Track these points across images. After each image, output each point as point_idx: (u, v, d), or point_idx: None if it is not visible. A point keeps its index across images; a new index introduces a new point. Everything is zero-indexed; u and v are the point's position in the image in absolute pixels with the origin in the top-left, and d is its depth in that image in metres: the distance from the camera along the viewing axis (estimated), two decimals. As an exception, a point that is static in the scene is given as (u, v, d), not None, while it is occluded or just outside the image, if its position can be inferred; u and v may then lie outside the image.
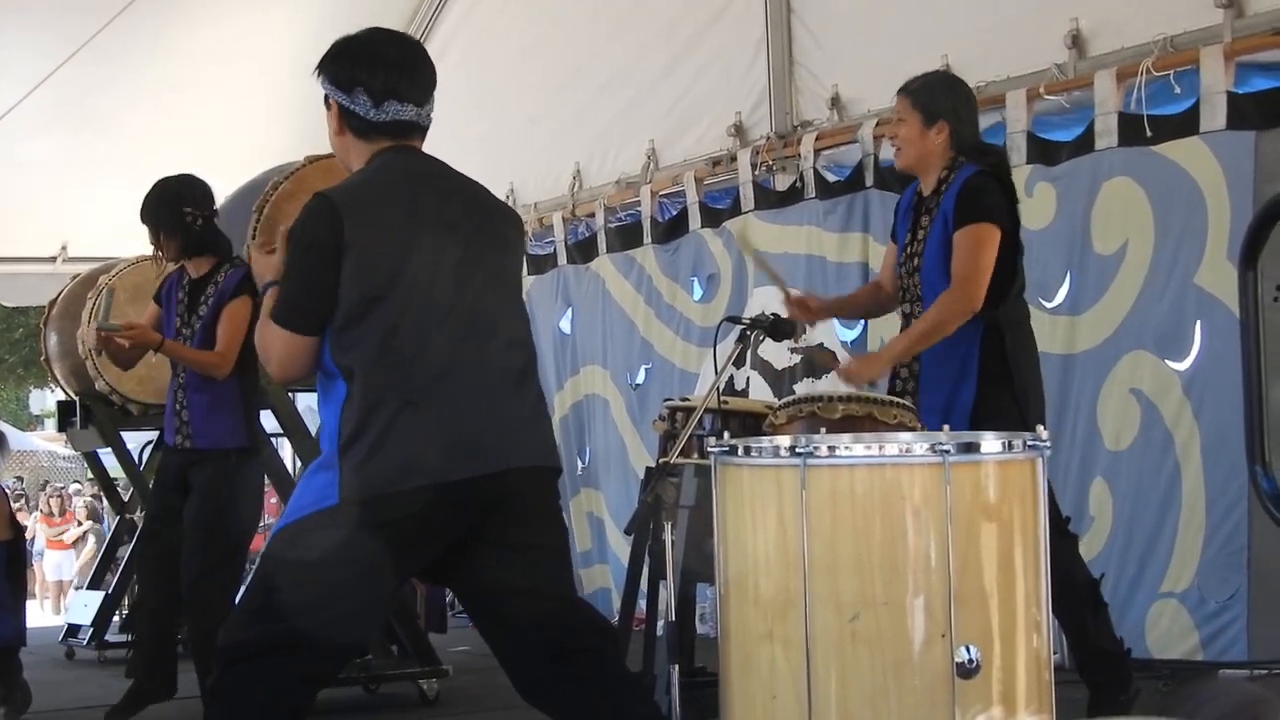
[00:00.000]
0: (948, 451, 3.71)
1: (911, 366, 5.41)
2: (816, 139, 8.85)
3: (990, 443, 3.91)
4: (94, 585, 10.48)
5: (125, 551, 10.13)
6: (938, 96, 5.50)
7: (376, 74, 3.90)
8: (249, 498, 6.52)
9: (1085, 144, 7.31)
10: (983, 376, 5.24)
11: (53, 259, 12.31)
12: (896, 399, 5.10)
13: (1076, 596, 5.26)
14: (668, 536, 4.85)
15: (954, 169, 5.41)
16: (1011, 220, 5.36)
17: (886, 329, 8.18)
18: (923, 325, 5.29)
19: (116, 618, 9.93)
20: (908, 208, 5.61)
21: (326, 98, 3.94)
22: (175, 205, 6.62)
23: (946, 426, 3.88)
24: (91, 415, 9.27)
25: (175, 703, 6.83)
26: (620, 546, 10.02)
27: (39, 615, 18.75)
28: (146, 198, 6.70)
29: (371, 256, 3.76)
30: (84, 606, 10.09)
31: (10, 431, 18.86)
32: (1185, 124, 6.97)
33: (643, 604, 6.06)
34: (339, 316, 3.76)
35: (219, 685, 3.78)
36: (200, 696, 5.59)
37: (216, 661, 3.80)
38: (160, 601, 6.74)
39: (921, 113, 5.46)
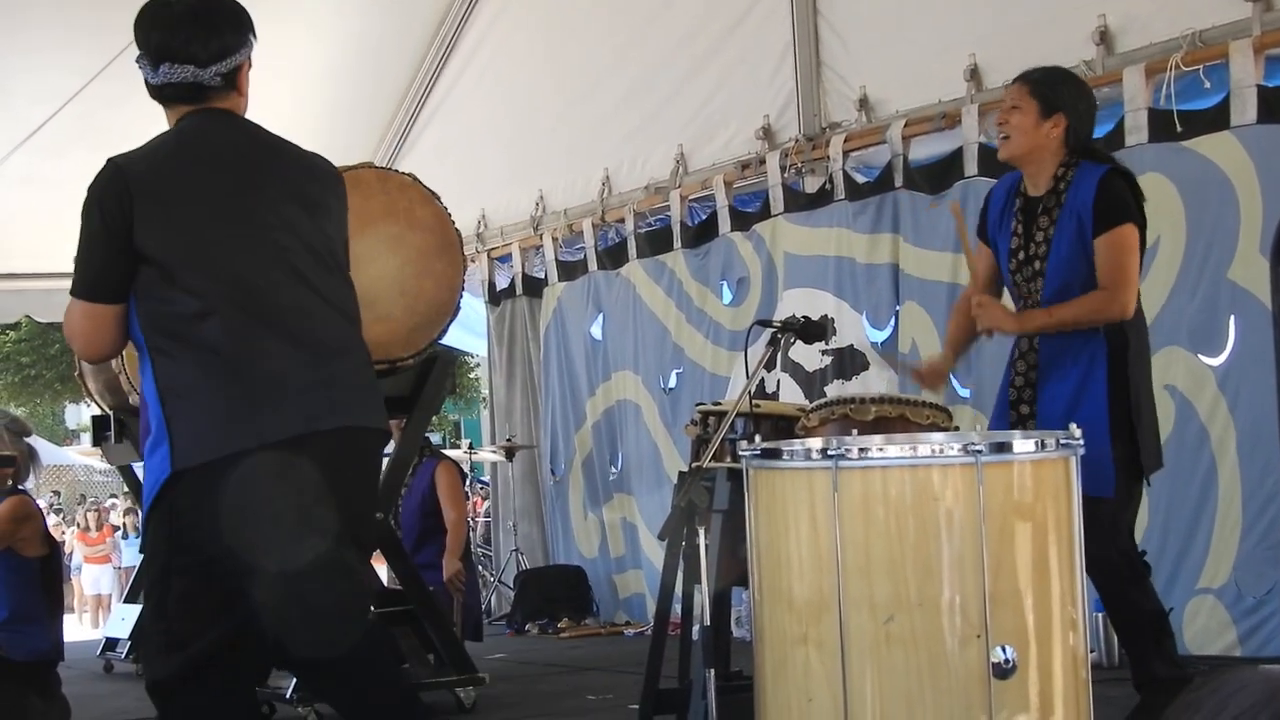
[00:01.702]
0: (980, 451, 3.70)
1: (1029, 375, 5.20)
2: (845, 140, 8.84)
3: (1023, 442, 3.89)
4: (131, 599, 10.50)
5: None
6: (1059, 88, 5.23)
7: (150, 36, 3.77)
8: None
9: (1115, 140, 7.27)
10: (1111, 387, 5.04)
11: (85, 274, 12.35)
12: (928, 400, 5.08)
13: (1142, 626, 5.16)
14: (701, 541, 4.85)
15: (1072, 166, 5.17)
16: (1143, 223, 5.17)
17: (917, 331, 8.18)
18: (1070, 312, 5.04)
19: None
20: (1004, 207, 5.35)
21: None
22: None
23: (979, 427, 3.86)
24: (126, 429, 9.30)
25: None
26: (654, 552, 10.02)
27: (77, 629, 18.85)
28: None
29: (166, 223, 3.67)
30: (122, 620, 10.12)
31: (46, 446, 18.96)
32: (1216, 119, 6.94)
33: (677, 609, 6.05)
34: (140, 286, 3.71)
35: None
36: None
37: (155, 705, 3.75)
38: None
39: (1040, 102, 5.17)
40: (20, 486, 7.07)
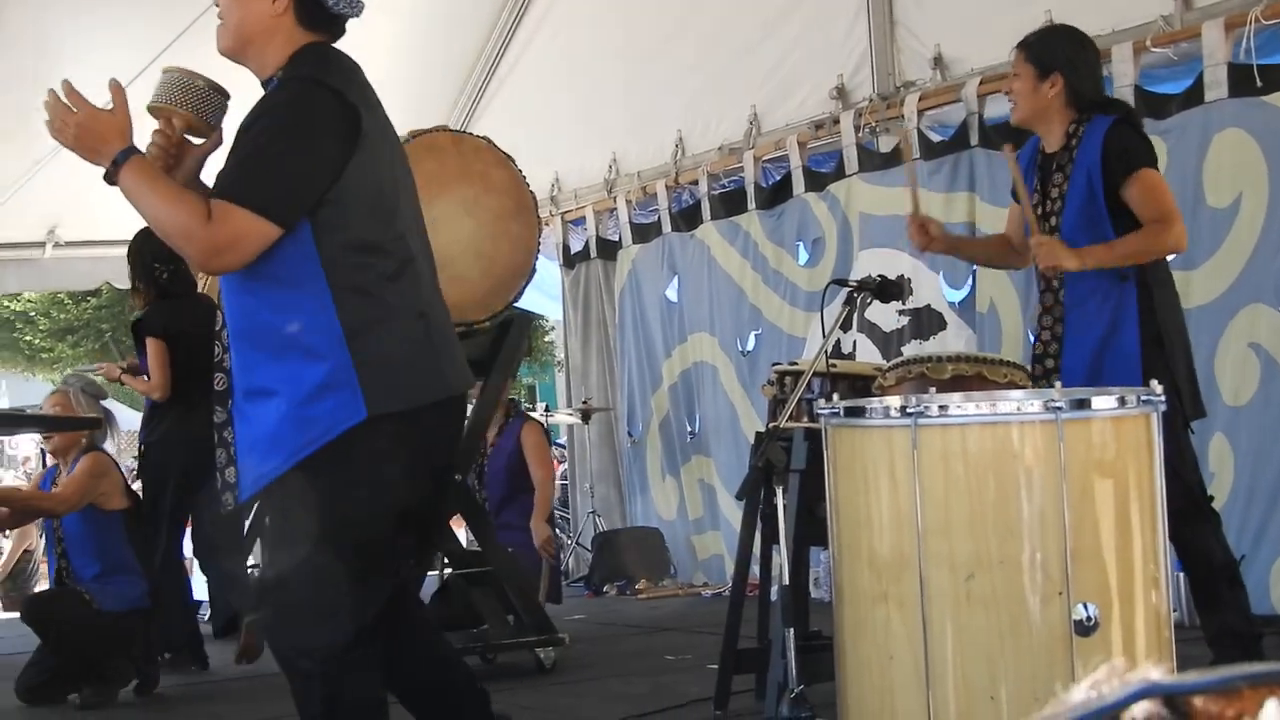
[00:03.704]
0: (1060, 408, 3.67)
1: (1054, 328, 5.32)
2: (920, 99, 8.78)
3: (1103, 399, 3.87)
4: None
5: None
6: (1053, 49, 5.42)
7: None
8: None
9: (1195, 96, 7.19)
10: (1143, 333, 5.14)
11: (164, 240, 12.45)
12: (1006, 359, 5.06)
13: (1212, 575, 5.19)
14: (779, 501, 4.85)
15: (1082, 123, 5.31)
16: (1156, 167, 5.30)
17: (995, 291, 8.13)
18: (1129, 245, 5.11)
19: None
20: (1029, 165, 5.51)
21: None
22: (147, 260, 7.94)
23: (1059, 384, 3.84)
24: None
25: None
26: (732, 512, 10.03)
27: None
28: (128, 246, 8.11)
29: (377, 163, 3.58)
30: (202, 583, 10.21)
31: (126, 412, 19.13)
32: (1297, 72, 6.86)
33: (755, 570, 6.06)
34: (330, 221, 3.52)
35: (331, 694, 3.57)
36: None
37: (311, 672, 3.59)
38: None
39: (1035, 65, 5.39)
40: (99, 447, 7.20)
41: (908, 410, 3.78)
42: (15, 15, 10.31)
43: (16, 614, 7.35)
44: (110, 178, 3.59)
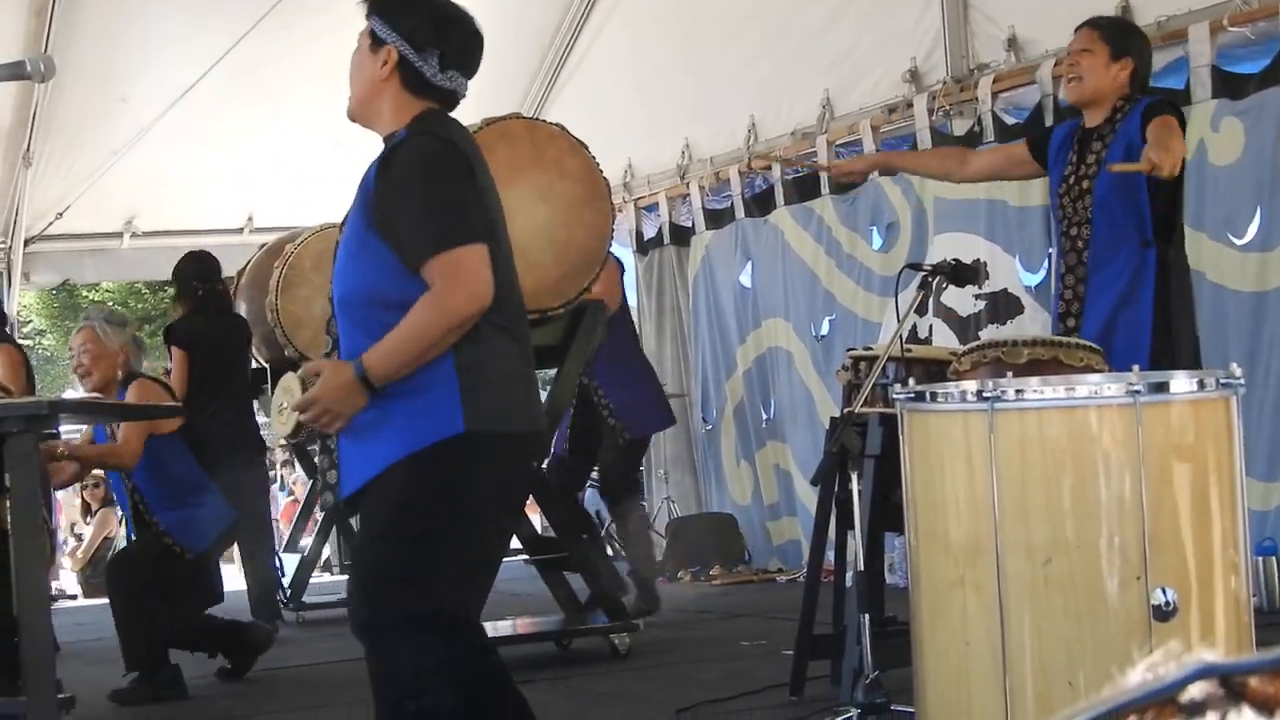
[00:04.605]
0: (1139, 392, 3.64)
1: (1076, 288, 5.44)
2: (994, 82, 8.73)
3: (1182, 382, 3.83)
4: (291, 547, 10.70)
5: (321, 514, 10.37)
6: (1127, 33, 5.51)
7: (453, 44, 3.92)
8: None
9: (1272, 75, 7.13)
10: (1156, 308, 5.24)
11: (239, 229, 12.58)
12: (1082, 341, 5.03)
13: None
14: (854, 486, 4.85)
15: (1130, 101, 5.42)
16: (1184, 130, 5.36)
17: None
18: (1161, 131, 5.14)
19: (314, 578, 10.15)
20: (1062, 144, 5.61)
21: (375, 38, 3.89)
22: (189, 278, 8.95)
23: (1136, 368, 3.81)
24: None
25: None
26: (808, 498, 10.01)
27: (238, 578, 19.19)
28: (175, 266, 9.11)
29: (479, 202, 3.79)
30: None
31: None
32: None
33: (830, 555, 6.05)
34: None
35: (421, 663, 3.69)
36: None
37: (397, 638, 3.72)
38: None
39: (1110, 45, 5.44)
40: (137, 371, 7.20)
41: (984, 395, 3.76)
42: (91, 12, 10.40)
43: (100, 600, 7.39)
44: (372, 386, 3.70)
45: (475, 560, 3.82)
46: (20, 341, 9.67)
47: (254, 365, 9.87)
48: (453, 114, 3.98)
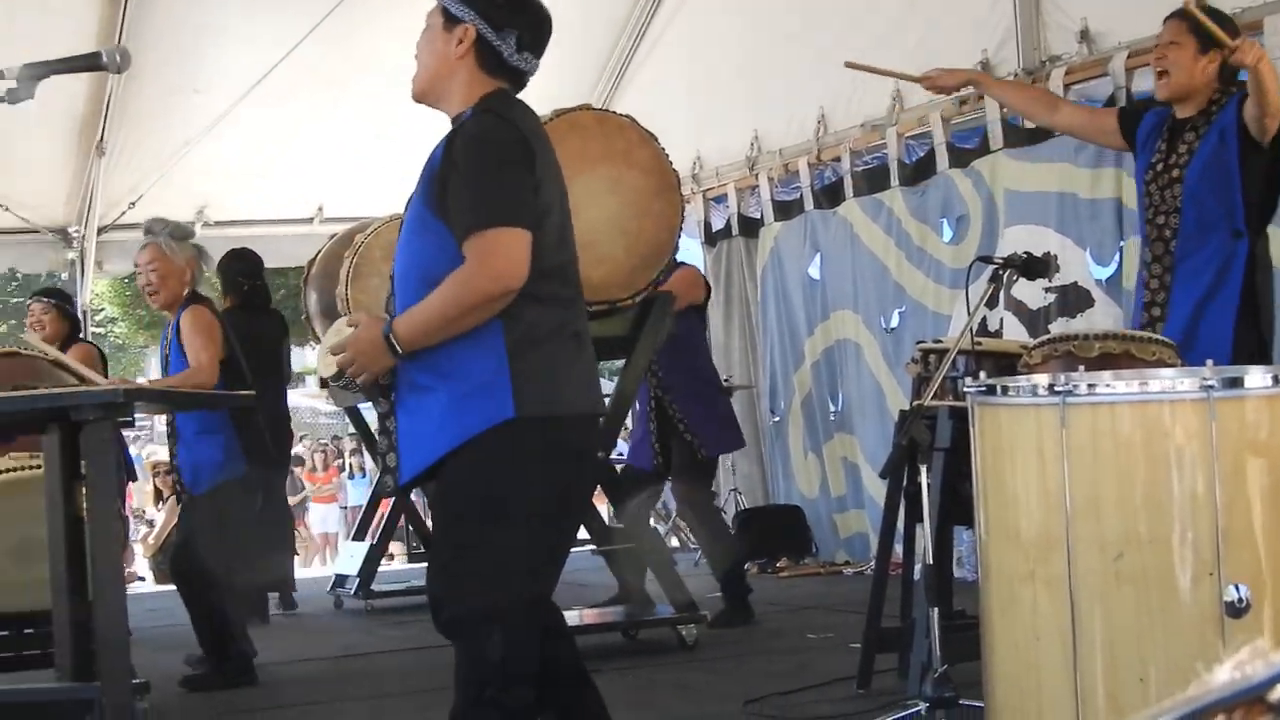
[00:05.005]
0: (1213, 387, 3.62)
1: (1163, 278, 5.37)
2: (1066, 74, 8.67)
3: (1257, 377, 3.80)
4: (359, 537, 10.76)
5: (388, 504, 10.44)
6: (1217, 24, 5.38)
7: (528, 26, 3.94)
8: None
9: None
10: (1243, 301, 5.19)
11: (310, 220, 12.65)
12: (1155, 335, 5.00)
13: None
14: (923, 479, 4.84)
15: (1226, 93, 5.35)
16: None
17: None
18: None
19: (382, 567, 10.22)
20: (1152, 130, 5.54)
21: (450, 16, 3.89)
22: (234, 275, 9.47)
23: (1210, 362, 3.78)
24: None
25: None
26: (876, 490, 10.00)
27: (307, 568, 19.36)
28: (218, 262, 9.16)
29: (543, 183, 3.80)
30: (350, 558, 10.37)
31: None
32: None
33: (899, 548, 6.05)
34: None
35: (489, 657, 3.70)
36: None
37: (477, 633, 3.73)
38: None
39: (1197, 38, 5.35)
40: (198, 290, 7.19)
41: (1056, 389, 3.74)
42: (163, 2, 10.48)
43: (171, 586, 7.43)
44: (400, 353, 3.76)
45: (538, 546, 3.82)
46: (93, 330, 9.81)
47: (323, 354, 9.99)
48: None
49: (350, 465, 23.23)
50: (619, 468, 8.92)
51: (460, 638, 3.77)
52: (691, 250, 11.94)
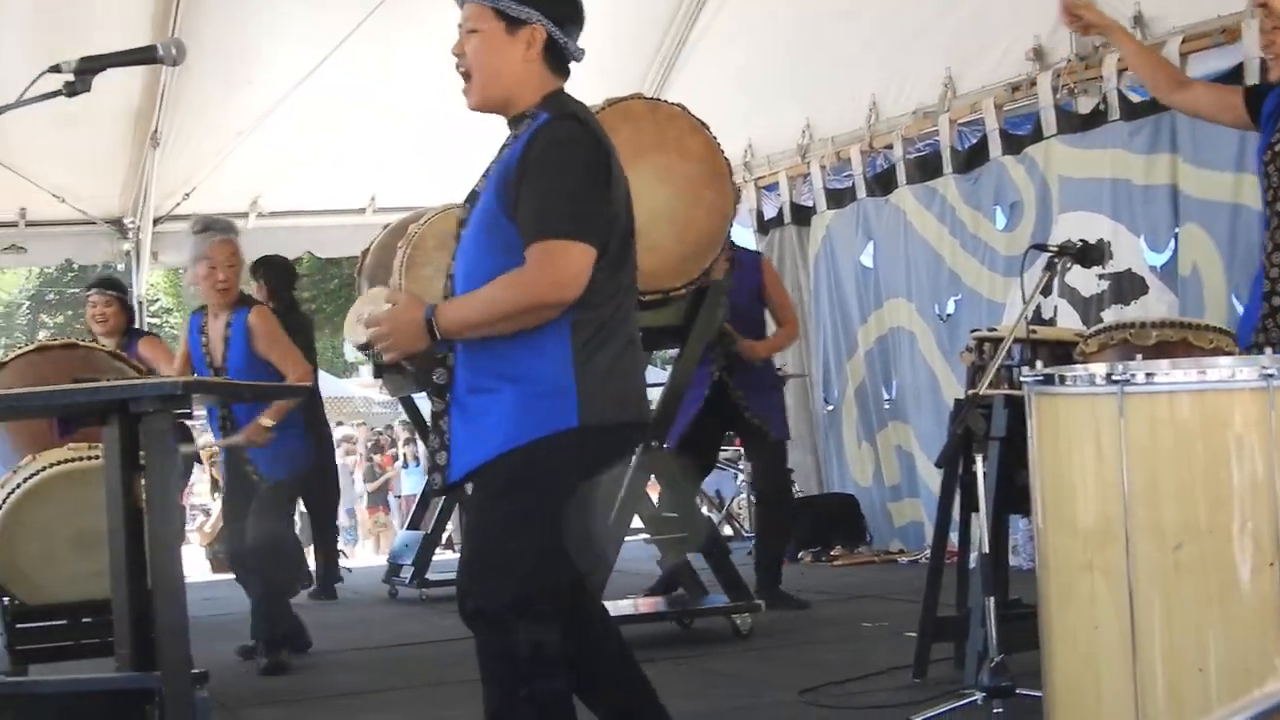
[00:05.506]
0: (1273, 375, 3.59)
1: None
2: (1119, 59, 8.61)
3: (1317, 365, 3.77)
4: (414, 525, 10.79)
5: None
6: None
7: (580, 20, 3.93)
8: None
9: None
10: None
11: (362, 210, 12.69)
12: (1211, 324, 4.97)
13: None
14: (979, 468, 4.83)
15: None
16: None
17: (1198, 254, 7.97)
18: None
19: (437, 556, 10.27)
20: (1275, 109, 5.30)
21: (511, 19, 3.82)
22: (284, 283, 9.96)
23: (1269, 350, 3.75)
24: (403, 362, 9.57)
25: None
26: (930, 479, 9.98)
27: (361, 556, 19.44)
28: (251, 266, 9.36)
29: (614, 194, 3.79)
30: (405, 547, 10.41)
31: (326, 379, 19.54)
32: None
33: (954, 537, 6.03)
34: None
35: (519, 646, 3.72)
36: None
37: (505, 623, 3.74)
38: None
39: None
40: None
41: (1114, 378, 3.72)
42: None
43: (228, 574, 7.50)
44: (440, 339, 3.77)
45: (568, 544, 3.79)
46: (148, 320, 9.94)
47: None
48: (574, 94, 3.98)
49: (404, 455, 23.32)
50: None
51: (484, 631, 3.78)
52: (744, 239, 11.93)
